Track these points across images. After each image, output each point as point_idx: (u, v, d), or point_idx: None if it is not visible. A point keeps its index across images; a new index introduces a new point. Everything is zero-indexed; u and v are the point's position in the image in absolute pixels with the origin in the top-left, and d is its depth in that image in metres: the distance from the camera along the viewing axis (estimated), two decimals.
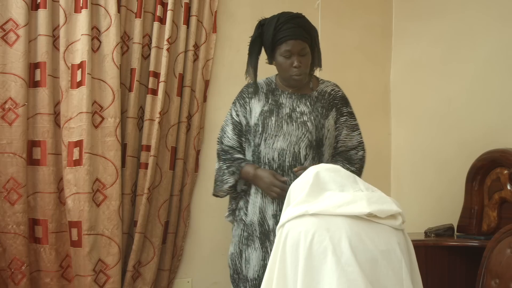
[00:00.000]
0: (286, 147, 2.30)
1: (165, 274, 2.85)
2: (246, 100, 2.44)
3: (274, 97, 2.40)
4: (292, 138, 2.31)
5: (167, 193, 2.82)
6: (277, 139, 2.32)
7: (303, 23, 2.33)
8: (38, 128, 2.56)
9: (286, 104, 2.37)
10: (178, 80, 2.84)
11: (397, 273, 1.68)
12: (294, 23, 2.30)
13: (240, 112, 2.45)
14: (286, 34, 2.28)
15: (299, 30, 2.29)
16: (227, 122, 2.48)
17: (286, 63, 2.31)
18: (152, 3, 2.80)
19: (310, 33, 2.34)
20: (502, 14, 2.82)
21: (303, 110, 2.35)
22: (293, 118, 2.33)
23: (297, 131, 2.31)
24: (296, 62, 2.29)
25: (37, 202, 2.57)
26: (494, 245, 2.26)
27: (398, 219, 1.78)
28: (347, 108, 2.44)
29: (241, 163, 2.37)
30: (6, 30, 2.50)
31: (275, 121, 2.33)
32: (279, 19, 2.32)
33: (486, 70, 2.89)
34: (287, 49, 2.29)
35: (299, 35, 2.28)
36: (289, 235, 1.71)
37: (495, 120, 2.82)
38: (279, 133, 2.32)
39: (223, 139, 2.47)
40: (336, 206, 1.72)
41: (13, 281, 2.48)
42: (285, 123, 2.33)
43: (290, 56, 2.30)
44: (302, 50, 2.29)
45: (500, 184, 2.58)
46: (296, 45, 2.28)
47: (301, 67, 2.30)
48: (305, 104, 2.36)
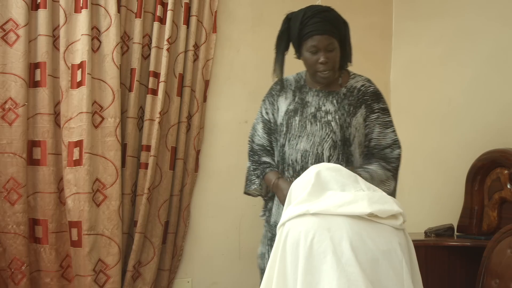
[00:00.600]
0: (309, 148, 2.21)
1: (165, 274, 2.85)
2: (275, 98, 2.36)
3: (301, 94, 2.30)
4: (316, 139, 2.21)
5: (167, 193, 2.82)
6: (300, 140, 2.23)
7: (330, 17, 2.21)
8: (38, 128, 2.56)
9: (312, 102, 2.27)
10: (178, 80, 2.84)
11: (398, 273, 1.68)
12: (321, 17, 2.18)
13: (269, 110, 2.37)
14: (312, 29, 2.17)
15: (326, 25, 2.17)
16: (258, 120, 2.40)
17: (312, 59, 2.20)
18: (152, 3, 2.80)
19: (339, 27, 2.22)
20: (502, 14, 2.82)
21: (328, 109, 2.24)
22: (317, 118, 2.23)
23: (321, 131, 2.21)
24: (322, 58, 2.18)
25: (37, 202, 2.57)
26: (494, 245, 2.26)
27: (399, 219, 1.78)
28: (379, 104, 2.28)
29: (266, 168, 2.30)
30: (6, 30, 2.50)
31: (298, 121, 2.24)
32: (305, 13, 2.21)
33: (486, 70, 2.89)
34: (313, 44, 2.18)
35: (326, 30, 2.17)
36: (289, 234, 1.71)
37: (495, 120, 2.82)
38: (303, 133, 2.23)
39: (254, 138, 2.39)
40: (337, 206, 1.72)
41: (13, 281, 2.48)
42: (308, 123, 2.23)
43: (316, 52, 2.19)
44: (329, 45, 2.18)
45: (500, 184, 2.58)
46: (323, 40, 2.17)
47: (328, 63, 2.19)
48: (331, 102, 2.25)
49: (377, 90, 2.31)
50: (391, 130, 2.29)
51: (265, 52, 3.17)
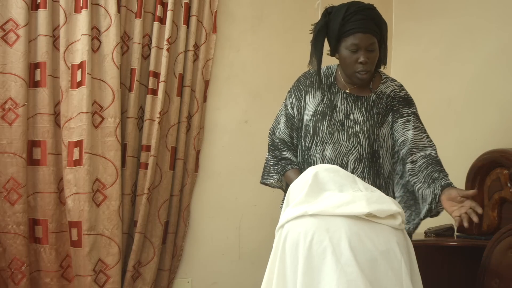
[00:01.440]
0: (334, 157, 2.11)
1: (165, 274, 2.85)
2: (302, 93, 2.23)
3: (330, 95, 2.18)
4: (342, 149, 2.11)
5: (167, 193, 2.82)
6: (327, 147, 2.13)
7: (374, 16, 2.08)
8: (38, 128, 2.56)
9: (341, 107, 2.15)
10: (178, 80, 2.84)
11: (397, 273, 1.68)
12: (364, 14, 2.05)
13: (295, 105, 2.23)
14: (354, 26, 2.04)
15: (370, 23, 2.05)
16: (282, 112, 2.27)
17: (351, 57, 2.08)
18: (152, 3, 2.80)
19: (381, 27, 2.10)
20: (502, 14, 2.82)
21: (356, 118, 2.13)
22: (345, 127, 2.12)
23: (348, 142, 2.11)
24: (362, 57, 2.05)
25: (37, 202, 2.57)
26: (494, 245, 2.26)
27: (397, 218, 1.78)
28: (409, 109, 2.16)
29: (287, 165, 2.19)
30: (6, 30, 2.50)
31: (326, 127, 2.13)
32: (348, 8, 2.07)
33: (486, 70, 2.89)
34: (355, 42, 2.05)
35: (369, 29, 2.05)
36: (288, 235, 1.71)
37: (495, 120, 2.82)
38: (329, 140, 2.12)
39: (276, 130, 2.27)
40: (335, 206, 1.72)
41: (13, 281, 2.48)
42: (336, 131, 2.13)
43: (356, 51, 2.06)
44: (370, 45, 2.06)
45: (500, 184, 2.58)
46: (365, 39, 2.04)
47: (368, 63, 2.07)
48: (360, 111, 2.14)
49: (407, 96, 2.20)
50: (426, 135, 2.15)
51: (265, 52, 3.19)
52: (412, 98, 2.21)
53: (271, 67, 3.19)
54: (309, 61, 2.18)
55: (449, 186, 1.93)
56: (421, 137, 2.12)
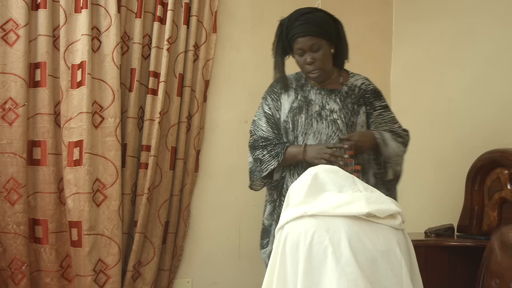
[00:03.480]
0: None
1: (165, 274, 2.85)
2: (277, 95, 2.38)
3: (303, 92, 2.34)
4: (322, 137, 2.26)
5: (167, 193, 2.82)
6: (307, 138, 2.27)
7: (314, 18, 2.23)
8: (38, 128, 2.56)
9: (316, 101, 2.31)
10: (178, 80, 2.84)
11: (397, 273, 1.68)
12: (303, 19, 2.22)
13: (271, 106, 2.38)
14: (295, 31, 2.22)
15: (308, 26, 2.21)
16: (260, 116, 2.40)
17: (300, 60, 2.27)
18: (152, 3, 2.80)
19: (325, 27, 2.24)
20: (502, 15, 2.82)
21: (332, 107, 2.29)
22: (323, 116, 2.28)
23: (327, 129, 2.26)
24: (308, 58, 2.23)
25: (37, 202, 2.57)
26: None
27: (397, 218, 1.78)
28: (380, 102, 2.36)
29: (286, 143, 2.29)
30: (6, 30, 2.50)
31: (305, 119, 2.28)
32: (291, 17, 2.27)
33: (486, 70, 2.89)
34: (298, 46, 2.24)
35: (308, 31, 2.21)
36: (288, 236, 1.71)
37: (495, 120, 2.82)
38: (309, 131, 2.27)
39: (257, 132, 2.38)
40: (335, 207, 1.72)
41: (13, 281, 2.48)
42: (315, 121, 2.27)
43: (303, 54, 2.24)
44: (313, 45, 2.22)
45: (500, 184, 2.58)
46: (306, 41, 2.21)
47: (315, 62, 2.23)
48: (335, 101, 2.30)
49: (376, 88, 2.38)
50: (397, 126, 2.36)
51: (265, 52, 3.17)
52: (380, 90, 2.39)
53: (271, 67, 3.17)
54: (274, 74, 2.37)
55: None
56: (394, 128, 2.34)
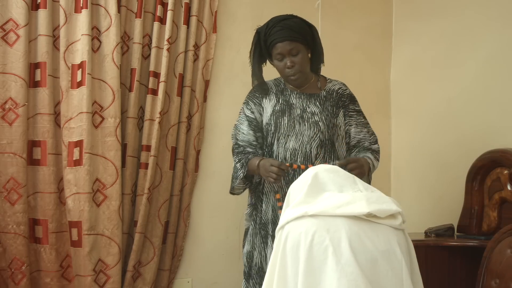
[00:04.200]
0: (298, 147, 2.33)
1: (165, 274, 2.85)
2: (259, 99, 2.45)
3: (284, 97, 2.42)
4: (304, 138, 2.33)
5: (167, 193, 2.82)
6: (289, 139, 2.34)
7: (291, 24, 2.31)
8: (38, 128, 2.56)
9: (297, 104, 2.39)
10: (178, 80, 2.84)
11: (397, 273, 1.68)
12: (281, 25, 2.30)
13: (254, 110, 2.44)
14: (274, 37, 2.30)
15: (286, 32, 2.29)
16: (241, 120, 2.46)
17: (280, 65, 2.35)
18: (152, 3, 2.80)
19: (302, 32, 2.32)
20: (502, 14, 2.82)
21: (313, 110, 2.37)
22: (305, 118, 2.36)
23: (309, 130, 2.34)
24: (288, 62, 2.31)
25: (37, 202, 2.57)
26: (494, 245, 2.26)
27: (398, 218, 1.78)
28: (354, 106, 2.46)
29: (249, 154, 2.38)
30: (6, 30, 2.50)
31: (287, 121, 2.36)
32: (268, 24, 2.35)
33: (486, 70, 2.89)
34: (277, 52, 2.31)
35: (286, 36, 2.28)
36: (289, 236, 1.71)
37: (495, 120, 2.82)
38: (292, 132, 2.34)
39: (238, 136, 2.46)
40: (335, 207, 1.73)
41: (13, 281, 2.48)
42: (297, 123, 2.35)
43: (282, 59, 2.32)
44: (292, 50, 2.30)
45: (500, 184, 2.58)
46: (284, 46, 2.29)
47: (294, 66, 2.31)
48: (315, 104, 2.39)
49: (352, 94, 2.49)
50: (367, 130, 2.46)
51: None
52: (354, 96, 2.50)
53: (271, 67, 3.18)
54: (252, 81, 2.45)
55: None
56: (363, 133, 2.44)
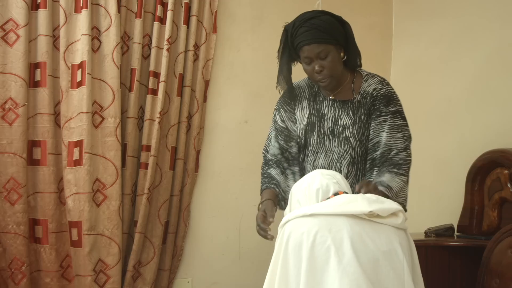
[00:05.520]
0: (327, 165, 2.14)
1: (165, 274, 2.86)
2: (291, 106, 2.25)
3: (316, 105, 2.21)
4: (334, 156, 2.14)
5: (167, 193, 2.82)
6: (318, 156, 2.17)
7: (318, 23, 2.07)
8: (38, 128, 2.56)
9: (329, 115, 2.18)
10: (178, 80, 2.84)
11: (399, 274, 1.68)
12: (307, 25, 2.07)
13: (285, 118, 2.25)
14: (300, 39, 2.07)
15: (313, 33, 2.06)
16: (271, 129, 2.29)
17: (308, 69, 2.12)
18: (152, 3, 2.80)
19: (332, 31, 2.08)
20: (502, 15, 2.82)
21: (345, 122, 2.15)
22: (335, 134, 2.15)
23: (339, 148, 2.14)
24: (316, 67, 2.08)
25: (37, 202, 2.57)
26: (494, 245, 2.26)
27: (399, 216, 1.78)
28: (388, 108, 2.14)
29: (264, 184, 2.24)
30: (6, 30, 2.50)
31: (317, 137, 2.17)
32: (295, 23, 2.11)
33: (486, 70, 2.89)
34: (304, 55, 2.09)
35: (313, 39, 2.05)
36: (291, 236, 1.71)
37: (495, 120, 2.82)
38: (321, 149, 2.16)
39: (268, 148, 2.29)
40: (337, 206, 1.73)
41: (13, 281, 2.48)
42: (327, 139, 2.16)
43: (310, 62, 2.09)
44: (320, 53, 2.06)
45: (500, 184, 2.58)
46: (312, 50, 2.06)
47: (323, 71, 2.08)
48: (347, 114, 2.16)
49: (389, 92, 2.18)
50: (401, 135, 2.14)
51: (265, 52, 3.18)
52: (393, 92, 2.19)
53: (271, 67, 3.16)
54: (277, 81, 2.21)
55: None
56: (395, 138, 2.12)
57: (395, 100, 2.19)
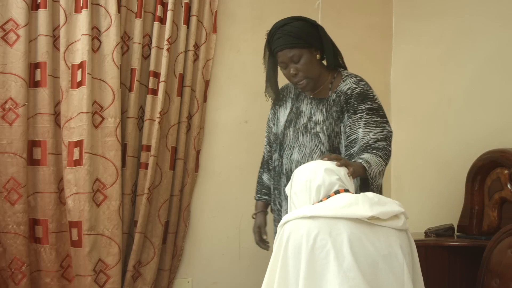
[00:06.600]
0: (301, 159, 2.26)
1: (165, 274, 2.85)
2: (276, 108, 2.44)
3: (297, 103, 2.36)
4: (306, 150, 2.26)
5: (167, 193, 2.82)
6: (293, 151, 2.29)
7: (289, 29, 2.20)
8: (38, 128, 2.56)
9: (305, 112, 2.32)
10: (178, 80, 2.84)
11: (398, 277, 1.68)
12: (280, 32, 2.21)
13: (271, 119, 2.48)
14: (274, 46, 2.23)
15: (285, 39, 2.19)
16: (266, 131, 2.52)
17: (285, 73, 2.27)
18: (152, 3, 2.80)
19: (302, 36, 2.20)
20: (502, 14, 2.82)
21: (317, 119, 2.27)
22: (308, 129, 2.28)
23: (310, 142, 2.25)
24: (291, 70, 2.22)
25: (37, 202, 2.57)
26: (495, 245, 2.26)
27: (400, 218, 1.77)
28: (363, 105, 2.19)
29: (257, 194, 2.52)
30: (7, 30, 2.50)
31: (292, 132, 2.31)
32: (270, 31, 2.26)
33: (486, 70, 2.89)
34: (280, 61, 2.24)
35: (285, 44, 2.19)
36: (291, 237, 1.70)
37: (495, 120, 2.82)
38: (295, 144, 2.29)
39: (265, 149, 2.54)
40: (338, 208, 1.71)
41: (13, 281, 2.48)
42: (300, 134, 2.29)
43: (286, 67, 2.24)
44: (292, 57, 2.19)
45: (500, 184, 2.58)
46: (284, 55, 2.20)
47: (298, 73, 2.22)
48: (321, 111, 2.27)
49: (365, 91, 2.23)
50: (380, 130, 2.18)
51: None
52: (369, 91, 2.23)
53: None
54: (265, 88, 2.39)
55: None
56: (374, 132, 2.17)
57: (371, 98, 2.23)
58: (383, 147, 2.16)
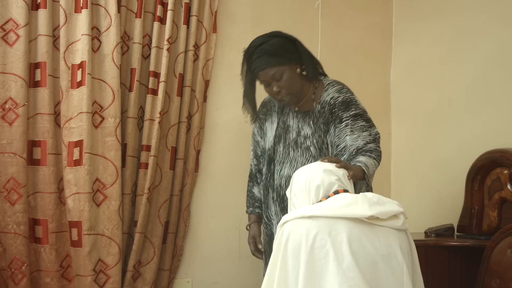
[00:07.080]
0: (291, 174, 2.19)
1: (165, 274, 2.86)
2: (262, 121, 2.47)
3: (283, 117, 2.38)
4: (298, 165, 2.26)
5: (167, 193, 2.82)
6: (284, 166, 2.31)
7: (267, 48, 2.22)
8: (38, 128, 2.56)
9: (293, 126, 2.34)
10: (178, 80, 2.84)
11: (398, 277, 1.68)
12: (258, 52, 2.23)
13: (257, 133, 2.50)
14: (255, 66, 2.24)
15: (265, 58, 2.21)
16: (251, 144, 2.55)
17: (268, 90, 2.30)
18: (152, 3, 2.80)
19: (280, 53, 2.22)
20: (502, 14, 2.82)
21: (306, 133, 2.30)
22: (298, 144, 2.30)
23: (302, 157, 2.28)
24: (274, 88, 2.24)
25: (37, 202, 2.57)
26: (494, 245, 2.26)
27: (400, 218, 1.77)
28: (348, 112, 2.24)
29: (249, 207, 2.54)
30: (6, 30, 2.49)
31: (283, 148, 2.33)
32: (249, 50, 2.28)
33: (486, 70, 2.89)
34: (261, 79, 2.27)
35: (264, 64, 2.21)
36: (290, 237, 1.70)
37: (495, 120, 2.82)
38: (286, 159, 2.31)
39: (252, 162, 2.55)
40: (337, 208, 1.72)
41: (13, 281, 2.48)
42: (291, 150, 2.31)
43: (268, 85, 2.26)
44: (274, 75, 2.22)
45: (500, 184, 2.58)
46: (266, 74, 2.23)
47: (281, 91, 2.24)
48: (309, 125, 2.30)
49: (347, 98, 2.26)
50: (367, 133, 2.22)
51: None
52: (351, 97, 2.27)
53: None
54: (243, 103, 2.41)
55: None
56: (362, 136, 2.20)
57: (355, 104, 2.26)
58: (374, 149, 2.21)
